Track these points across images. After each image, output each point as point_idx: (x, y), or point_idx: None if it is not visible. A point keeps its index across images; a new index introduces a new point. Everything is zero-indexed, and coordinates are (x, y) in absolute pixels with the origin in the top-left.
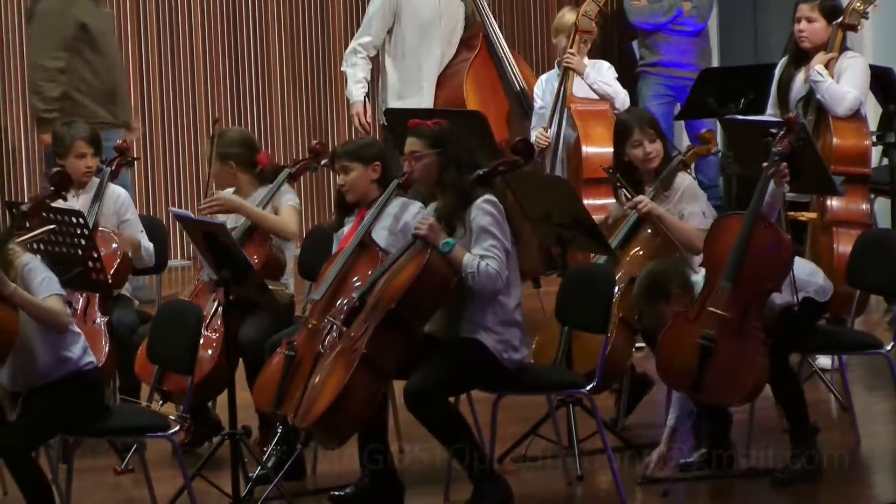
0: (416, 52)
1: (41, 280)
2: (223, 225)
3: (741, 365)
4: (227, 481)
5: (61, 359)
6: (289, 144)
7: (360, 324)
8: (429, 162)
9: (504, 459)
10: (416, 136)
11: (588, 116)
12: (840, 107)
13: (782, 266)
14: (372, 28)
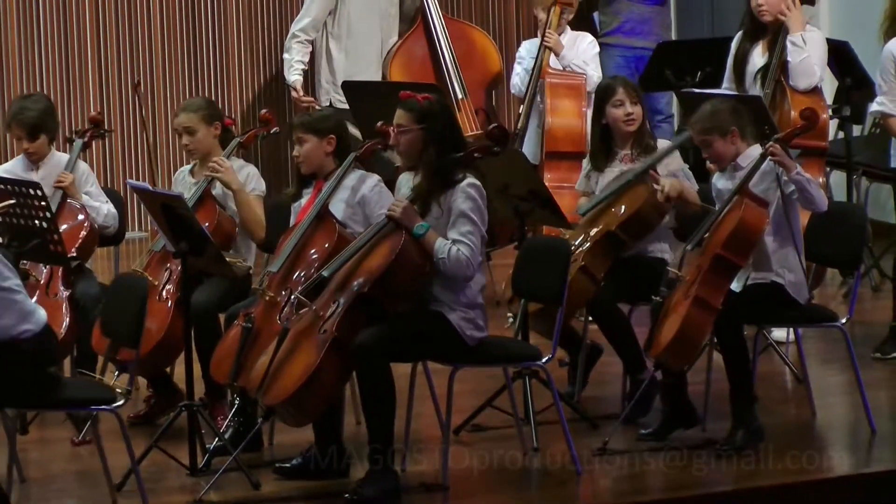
0: (361, 29)
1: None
2: (181, 196)
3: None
4: (184, 453)
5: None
6: (245, 120)
7: (327, 301)
8: (412, 137)
9: (461, 431)
10: (405, 110)
11: (559, 89)
12: (805, 81)
13: (748, 241)
14: (312, 10)
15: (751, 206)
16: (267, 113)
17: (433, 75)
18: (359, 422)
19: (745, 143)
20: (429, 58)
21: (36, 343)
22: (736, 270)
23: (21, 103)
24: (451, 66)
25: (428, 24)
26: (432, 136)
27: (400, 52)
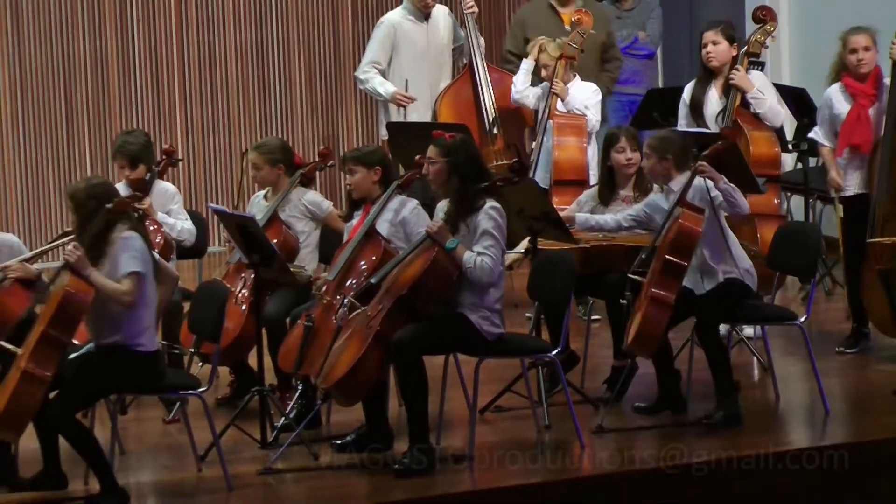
0: (413, 78)
1: (126, 257)
2: (252, 217)
3: (644, 322)
4: (256, 429)
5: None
6: (306, 151)
7: (375, 304)
8: (439, 168)
9: (485, 411)
10: (434, 145)
11: (565, 129)
12: (778, 120)
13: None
14: (375, 53)
15: (687, 213)
16: (325, 149)
17: (475, 115)
18: (400, 405)
19: (677, 172)
20: (472, 100)
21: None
22: (683, 271)
23: (124, 138)
24: (489, 108)
25: (473, 72)
26: (456, 167)
27: (449, 93)
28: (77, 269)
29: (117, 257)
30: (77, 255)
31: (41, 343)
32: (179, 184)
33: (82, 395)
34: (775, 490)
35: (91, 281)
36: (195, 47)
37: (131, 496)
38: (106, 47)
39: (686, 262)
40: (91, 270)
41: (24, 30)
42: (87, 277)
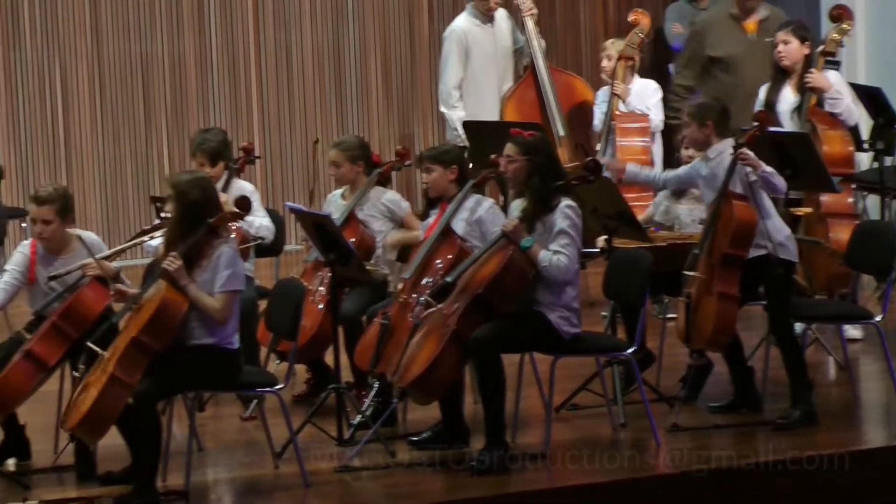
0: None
1: (224, 275)
2: (329, 215)
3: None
4: (333, 427)
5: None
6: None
7: (451, 303)
8: (519, 166)
9: (561, 409)
10: (513, 143)
11: (627, 130)
12: (853, 119)
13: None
14: (453, 66)
15: (738, 205)
16: (402, 148)
17: (540, 116)
18: (476, 402)
19: (717, 138)
20: (537, 101)
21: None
22: (742, 261)
23: (203, 135)
24: (554, 108)
25: (536, 74)
26: (535, 166)
27: (514, 96)
28: (175, 280)
29: (217, 271)
30: (177, 265)
31: (130, 349)
32: (256, 182)
33: (168, 386)
34: (851, 489)
35: (187, 293)
36: (272, 46)
37: (209, 492)
38: (184, 46)
39: (745, 253)
40: (188, 282)
41: (103, 29)
42: (184, 289)
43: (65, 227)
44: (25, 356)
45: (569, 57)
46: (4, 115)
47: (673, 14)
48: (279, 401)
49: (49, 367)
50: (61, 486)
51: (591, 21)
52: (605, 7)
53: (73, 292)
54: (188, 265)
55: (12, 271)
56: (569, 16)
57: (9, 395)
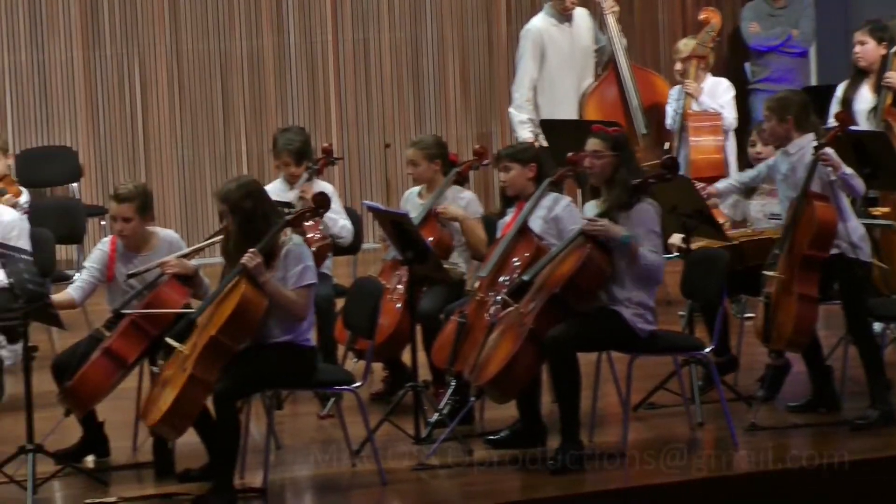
0: (560, 81)
1: (297, 270)
2: (406, 214)
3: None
4: (410, 425)
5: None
6: (460, 149)
7: (528, 301)
8: (607, 162)
9: (638, 408)
10: (599, 139)
11: (700, 129)
12: None
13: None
14: (527, 67)
15: (820, 206)
16: (480, 147)
17: (621, 113)
18: (553, 401)
19: (798, 133)
20: (619, 98)
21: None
22: (822, 262)
23: (288, 136)
24: (637, 106)
25: (618, 71)
26: (623, 161)
27: (595, 93)
28: (255, 276)
29: (291, 266)
30: (256, 261)
31: (209, 348)
32: (334, 181)
33: (245, 384)
34: None
35: (267, 289)
36: (350, 45)
37: (287, 490)
38: (262, 45)
39: (825, 254)
40: (268, 278)
41: (182, 28)
42: (264, 285)
43: (144, 225)
44: (104, 354)
45: (647, 55)
46: (84, 114)
47: (749, 13)
48: (357, 399)
49: (128, 365)
50: (140, 484)
51: (669, 19)
52: (683, 5)
53: (151, 290)
54: (267, 262)
55: (91, 269)
56: (647, 14)
57: (88, 392)
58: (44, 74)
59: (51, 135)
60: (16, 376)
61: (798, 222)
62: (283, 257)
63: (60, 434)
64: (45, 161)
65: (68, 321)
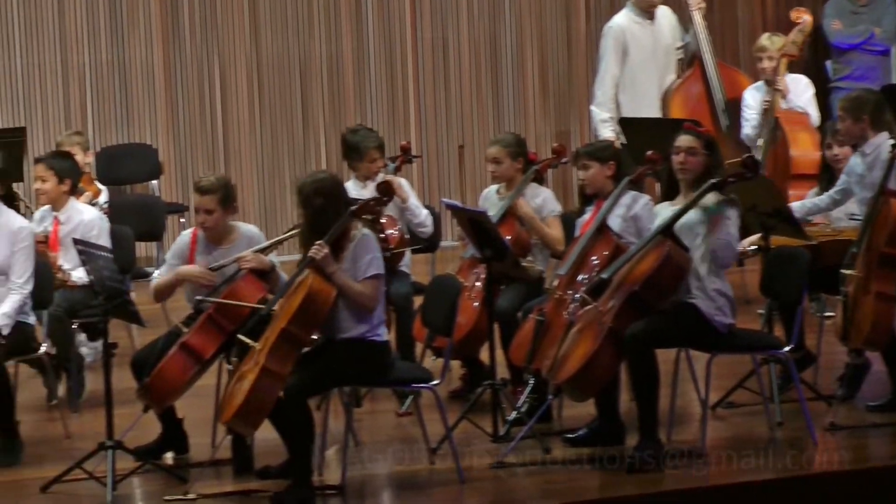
0: (642, 78)
1: (366, 260)
2: (485, 212)
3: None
4: (488, 423)
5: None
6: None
7: (607, 300)
8: (701, 160)
9: (717, 407)
10: (693, 136)
11: (795, 126)
12: None
13: None
14: (610, 65)
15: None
16: (559, 146)
17: (706, 110)
18: (631, 399)
19: (873, 132)
20: (704, 95)
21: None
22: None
23: (364, 133)
24: (722, 103)
25: (704, 68)
26: (715, 161)
27: (679, 90)
28: (322, 268)
29: (359, 257)
30: (323, 253)
31: (280, 340)
32: (412, 179)
33: (318, 381)
34: None
35: (335, 280)
36: (429, 44)
37: (365, 488)
38: (342, 44)
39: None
40: (336, 269)
41: (261, 29)
42: (332, 276)
43: (227, 217)
44: (181, 348)
45: (727, 52)
46: (164, 112)
47: (832, 10)
48: (435, 396)
49: (204, 360)
50: (218, 480)
51: (749, 17)
52: (763, 3)
53: (228, 285)
54: (336, 253)
55: (171, 264)
56: (727, 12)
57: (165, 387)
58: (124, 72)
59: (131, 132)
60: (96, 373)
61: (875, 220)
62: (352, 248)
63: (140, 431)
64: (126, 158)
65: (147, 318)
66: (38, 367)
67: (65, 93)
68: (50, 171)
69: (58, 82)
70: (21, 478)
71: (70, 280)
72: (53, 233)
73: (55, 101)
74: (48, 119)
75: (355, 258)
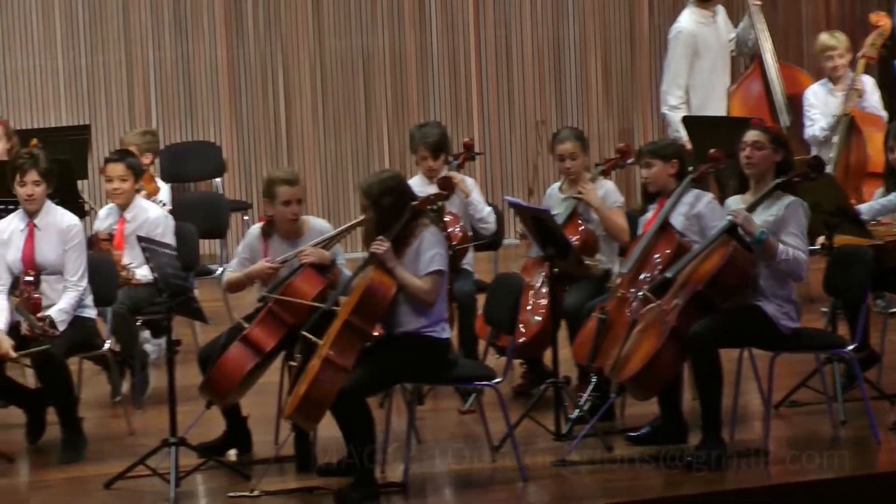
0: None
1: (429, 255)
2: (548, 210)
3: None
4: (551, 421)
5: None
6: (602, 145)
7: (670, 298)
8: (768, 154)
9: (780, 406)
10: (761, 131)
11: (870, 125)
12: None
13: None
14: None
15: None
16: (624, 146)
17: (766, 108)
18: (694, 398)
19: None
20: (763, 94)
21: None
22: None
23: (424, 129)
24: (782, 101)
25: (763, 66)
26: (781, 157)
27: (740, 89)
28: (383, 262)
29: (421, 253)
30: (384, 247)
31: (343, 332)
32: (476, 176)
33: (379, 378)
34: None
35: (396, 275)
36: (492, 41)
37: (427, 485)
38: (405, 41)
39: None
40: (396, 264)
41: (325, 25)
42: (393, 271)
43: None
44: (242, 341)
45: (791, 51)
46: (228, 110)
47: None
48: (497, 394)
49: (265, 353)
50: (281, 477)
51: (813, 14)
52: (828, 1)
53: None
54: (398, 249)
55: (241, 259)
56: (791, 9)
57: (225, 380)
58: (188, 70)
59: (195, 130)
60: (159, 370)
61: None
62: (417, 244)
63: (203, 428)
64: (189, 156)
65: (211, 315)
66: (103, 363)
67: (129, 90)
68: (129, 170)
69: (122, 80)
70: (85, 474)
71: (134, 278)
72: (119, 231)
73: (119, 98)
74: (112, 117)
75: (419, 253)
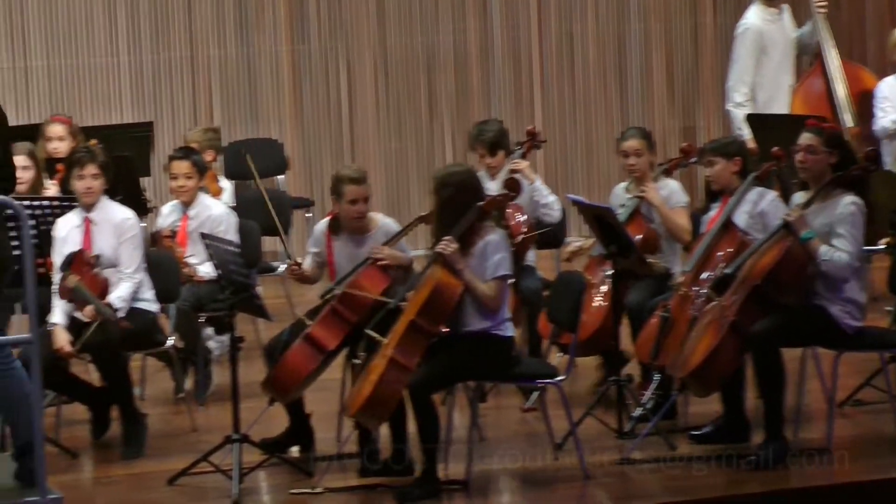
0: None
1: (495, 260)
2: (610, 208)
3: None
4: (613, 419)
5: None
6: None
7: (730, 294)
8: (822, 158)
9: (844, 405)
10: (815, 133)
11: None
12: None
13: None
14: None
15: None
16: (687, 145)
17: (827, 107)
18: (757, 397)
19: None
20: (825, 92)
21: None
22: None
23: (481, 126)
24: (843, 99)
25: (825, 65)
26: (838, 160)
27: (802, 87)
28: (450, 263)
29: (488, 256)
30: (452, 248)
31: (408, 332)
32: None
33: (441, 375)
34: None
35: (462, 277)
36: (555, 37)
37: (489, 483)
38: (467, 38)
39: None
40: (463, 266)
41: (387, 20)
42: (460, 273)
43: None
44: (305, 339)
45: (854, 49)
46: (290, 107)
47: None
48: (560, 392)
49: (328, 352)
50: (343, 474)
51: (877, 11)
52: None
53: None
54: (463, 249)
55: (312, 251)
56: (855, 6)
57: (288, 378)
58: (251, 67)
59: (258, 127)
60: (222, 367)
61: None
62: (482, 246)
63: (266, 424)
64: (252, 153)
65: (273, 312)
66: (166, 360)
67: (192, 88)
68: (194, 168)
69: (185, 77)
70: (148, 470)
71: (197, 275)
72: (182, 228)
73: (183, 96)
74: (175, 114)
75: (484, 256)
